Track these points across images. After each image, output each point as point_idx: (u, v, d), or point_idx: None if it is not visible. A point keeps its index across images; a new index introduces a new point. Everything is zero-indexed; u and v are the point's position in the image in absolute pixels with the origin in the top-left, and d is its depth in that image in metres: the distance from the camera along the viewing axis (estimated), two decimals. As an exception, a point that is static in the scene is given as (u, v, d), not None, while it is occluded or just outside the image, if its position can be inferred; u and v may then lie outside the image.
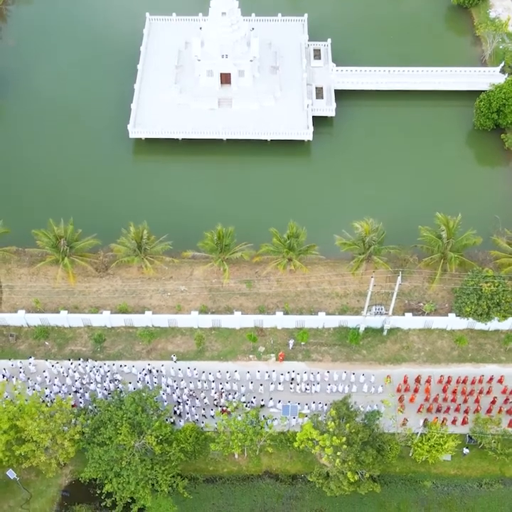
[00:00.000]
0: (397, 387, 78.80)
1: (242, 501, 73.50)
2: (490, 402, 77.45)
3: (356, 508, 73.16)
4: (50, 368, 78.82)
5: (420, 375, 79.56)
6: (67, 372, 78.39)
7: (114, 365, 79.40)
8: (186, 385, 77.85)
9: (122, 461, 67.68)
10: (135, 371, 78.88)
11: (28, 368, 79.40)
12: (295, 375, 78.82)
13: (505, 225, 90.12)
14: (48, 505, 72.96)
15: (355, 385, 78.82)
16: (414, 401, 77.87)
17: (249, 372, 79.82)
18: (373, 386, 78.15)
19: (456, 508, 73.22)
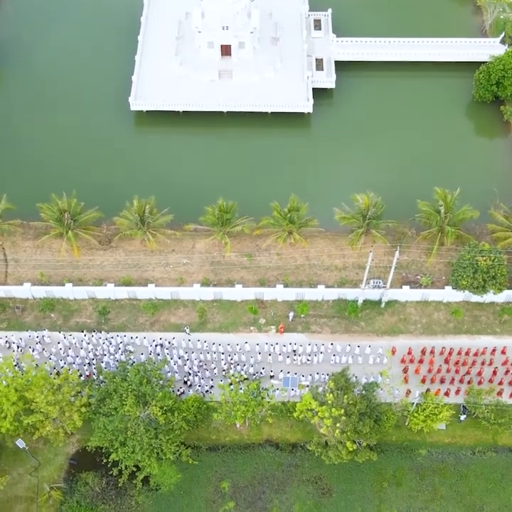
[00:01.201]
0: (401, 359, 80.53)
1: (244, 469, 75.89)
2: (491, 373, 79.38)
3: (354, 475, 75.60)
4: (63, 339, 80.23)
5: (425, 346, 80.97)
6: (81, 344, 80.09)
7: (126, 337, 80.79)
8: (196, 357, 79.48)
9: (127, 431, 69.89)
10: (146, 343, 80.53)
11: (43, 339, 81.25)
12: (297, 347, 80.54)
13: (503, 198, 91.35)
14: (55, 472, 75.40)
15: (361, 357, 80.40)
16: (419, 372, 79.58)
17: (247, 342, 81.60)
18: (379, 357, 79.78)
19: (450, 474, 75.68)
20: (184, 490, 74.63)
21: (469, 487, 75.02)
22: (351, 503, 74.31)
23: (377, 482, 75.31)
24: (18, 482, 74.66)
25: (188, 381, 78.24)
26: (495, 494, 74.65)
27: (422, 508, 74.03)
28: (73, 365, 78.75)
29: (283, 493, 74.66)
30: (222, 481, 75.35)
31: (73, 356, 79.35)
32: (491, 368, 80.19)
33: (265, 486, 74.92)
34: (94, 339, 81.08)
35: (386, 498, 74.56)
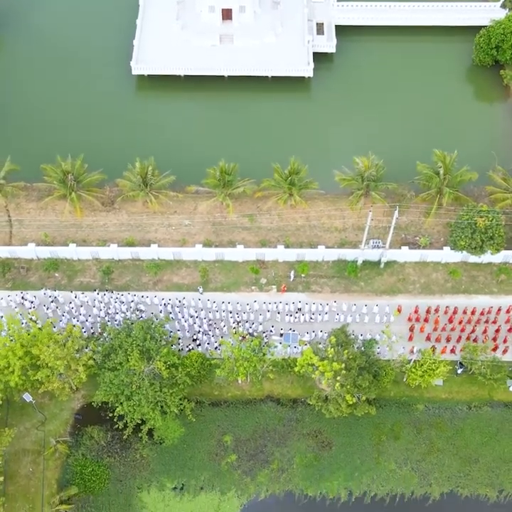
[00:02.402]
0: (408, 317, 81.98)
1: (246, 423, 77.70)
2: (494, 331, 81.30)
3: (353, 428, 77.48)
4: (74, 299, 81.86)
5: (430, 306, 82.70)
6: (93, 303, 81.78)
7: (136, 296, 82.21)
8: (205, 315, 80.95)
9: (132, 385, 71.55)
10: (157, 302, 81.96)
11: (56, 299, 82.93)
12: (302, 305, 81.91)
13: (502, 161, 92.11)
14: (61, 427, 77.21)
15: (368, 316, 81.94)
16: (424, 331, 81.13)
17: (248, 303, 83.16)
18: (385, 315, 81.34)
19: (447, 428, 77.56)
20: (187, 443, 76.39)
21: (465, 440, 76.83)
22: (350, 455, 76.19)
23: (375, 435, 77.12)
24: (25, 436, 76.40)
25: (197, 339, 79.48)
26: (490, 447, 76.51)
27: (419, 460, 75.94)
28: (86, 323, 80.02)
29: (284, 446, 76.46)
30: (224, 434, 77.19)
31: (85, 314, 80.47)
32: (495, 326, 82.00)
33: (266, 440, 76.73)
34: (106, 298, 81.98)
35: (384, 450, 76.44)
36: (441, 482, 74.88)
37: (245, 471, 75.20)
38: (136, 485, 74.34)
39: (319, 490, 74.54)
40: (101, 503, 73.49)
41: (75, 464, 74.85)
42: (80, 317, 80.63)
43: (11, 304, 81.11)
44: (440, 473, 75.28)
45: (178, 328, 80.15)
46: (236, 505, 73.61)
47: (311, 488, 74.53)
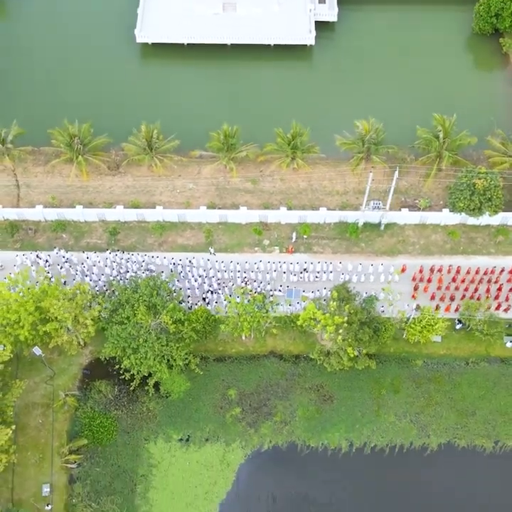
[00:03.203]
0: (412, 276, 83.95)
1: (249, 377, 79.84)
2: (496, 289, 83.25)
3: (354, 383, 79.61)
4: (86, 259, 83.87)
5: (434, 265, 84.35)
6: (106, 262, 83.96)
7: (147, 256, 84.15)
8: (214, 274, 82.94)
9: (139, 338, 73.57)
10: (166, 262, 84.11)
11: (70, 258, 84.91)
12: (308, 265, 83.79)
13: (500, 128, 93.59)
14: (70, 381, 79.33)
15: (373, 275, 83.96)
16: (427, 290, 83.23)
17: (261, 261, 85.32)
18: (390, 274, 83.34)
19: (445, 383, 79.70)
20: (193, 397, 78.52)
21: (462, 394, 78.96)
22: (351, 408, 78.34)
23: (375, 389, 79.23)
24: (35, 390, 78.52)
25: (206, 298, 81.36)
26: (487, 400, 78.66)
27: (418, 412, 78.09)
28: (99, 282, 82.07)
29: (286, 399, 78.62)
30: (228, 388, 79.29)
31: (97, 274, 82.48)
32: (500, 283, 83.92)
33: (270, 394, 78.87)
34: (118, 258, 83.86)
35: (384, 404, 78.57)
36: (439, 433, 77.02)
37: (249, 423, 77.30)
38: (143, 436, 76.43)
39: (321, 441, 76.68)
40: (109, 454, 75.61)
41: (83, 417, 76.84)
42: (92, 276, 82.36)
43: (27, 263, 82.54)
44: (438, 425, 77.47)
45: (188, 287, 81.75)
46: (240, 455, 75.83)
47: (313, 440, 76.66)
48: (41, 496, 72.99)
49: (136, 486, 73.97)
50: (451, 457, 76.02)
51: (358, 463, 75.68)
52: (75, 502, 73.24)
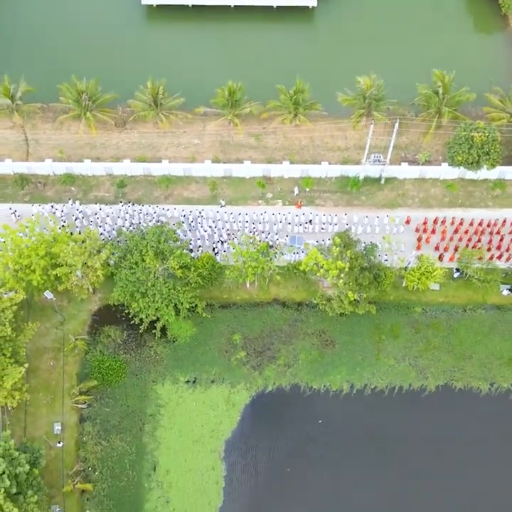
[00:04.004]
0: (415, 228, 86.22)
1: (253, 323, 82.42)
2: (499, 240, 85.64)
3: (355, 328, 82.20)
4: (99, 210, 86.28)
5: (437, 217, 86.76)
6: (119, 214, 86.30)
7: (158, 208, 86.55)
8: (223, 226, 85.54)
9: (148, 283, 76.02)
10: (177, 214, 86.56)
11: (84, 210, 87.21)
12: (313, 217, 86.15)
13: (498, 86, 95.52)
14: (80, 326, 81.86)
15: (379, 227, 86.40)
16: (429, 241, 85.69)
17: (265, 212, 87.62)
18: (395, 226, 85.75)
19: (442, 329, 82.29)
20: (199, 341, 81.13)
21: (460, 339, 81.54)
22: (352, 352, 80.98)
23: (376, 335, 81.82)
24: (46, 335, 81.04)
25: (215, 248, 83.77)
26: (483, 345, 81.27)
27: (417, 356, 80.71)
28: (113, 231, 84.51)
29: (289, 344, 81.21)
30: (233, 334, 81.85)
31: (111, 224, 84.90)
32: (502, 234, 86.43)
33: (273, 338, 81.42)
34: (131, 210, 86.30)
35: (384, 348, 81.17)
36: (436, 376, 79.62)
37: (253, 366, 79.91)
38: (151, 378, 79.03)
39: (323, 383, 79.31)
40: (118, 395, 78.22)
41: (93, 360, 79.42)
42: (106, 226, 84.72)
43: (43, 213, 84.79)
44: (436, 368, 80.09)
45: (198, 237, 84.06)
46: (245, 396, 78.48)
47: (316, 382, 79.28)
48: (53, 434, 75.53)
49: (145, 425, 76.48)
50: (448, 398, 78.33)
51: (359, 403, 77.96)
52: (85, 440, 75.75)
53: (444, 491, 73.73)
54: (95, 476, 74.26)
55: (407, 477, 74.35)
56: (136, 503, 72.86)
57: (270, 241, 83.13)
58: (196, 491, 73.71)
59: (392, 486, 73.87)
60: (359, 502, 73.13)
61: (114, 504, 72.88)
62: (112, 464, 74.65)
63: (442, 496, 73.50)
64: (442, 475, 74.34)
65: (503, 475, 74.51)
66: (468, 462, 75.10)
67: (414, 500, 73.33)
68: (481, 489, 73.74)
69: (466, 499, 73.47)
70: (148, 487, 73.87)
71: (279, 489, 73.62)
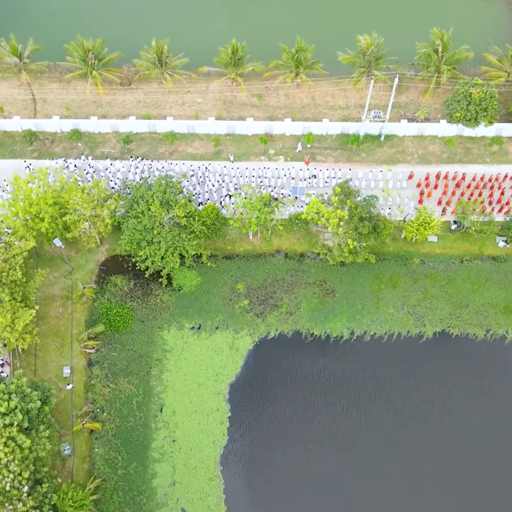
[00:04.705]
0: (417, 183, 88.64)
1: (257, 273, 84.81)
2: (500, 194, 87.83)
3: (355, 278, 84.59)
4: (110, 165, 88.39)
5: (440, 171, 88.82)
6: (129, 169, 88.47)
7: (166, 163, 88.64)
8: (231, 180, 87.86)
9: (154, 231, 78.33)
10: (185, 169, 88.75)
11: (95, 165, 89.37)
12: (317, 172, 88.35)
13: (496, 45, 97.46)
14: (87, 276, 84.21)
15: (382, 180, 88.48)
16: (431, 195, 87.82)
17: (269, 168, 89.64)
18: (399, 181, 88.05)
19: (440, 278, 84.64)
20: (203, 290, 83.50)
21: (457, 288, 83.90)
22: (352, 301, 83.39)
23: (375, 284, 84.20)
24: (54, 284, 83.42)
25: (222, 201, 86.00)
26: (479, 294, 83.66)
27: (415, 305, 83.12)
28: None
29: (291, 293, 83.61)
30: (237, 283, 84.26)
31: (120, 179, 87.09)
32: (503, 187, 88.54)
33: (276, 288, 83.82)
34: (141, 165, 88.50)
35: (383, 297, 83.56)
36: (434, 323, 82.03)
37: (257, 313, 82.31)
38: (157, 325, 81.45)
39: (324, 330, 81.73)
40: (125, 340, 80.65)
41: (100, 307, 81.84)
42: (116, 181, 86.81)
43: (56, 167, 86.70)
44: (433, 315, 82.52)
45: (206, 190, 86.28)
46: (248, 342, 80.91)
47: (317, 328, 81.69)
48: (62, 377, 78.00)
49: (151, 369, 78.93)
50: (445, 344, 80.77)
51: (359, 349, 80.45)
52: (93, 383, 78.16)
53: (440, 432, 76.24)
54: (103, 417, 76.39)
55: (404, 416, 76.86)
56: (143, 442, 75.27)
57: (276, 194, 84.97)
58: (201, 431, 75.98)
59: (388, 424, 76.28)
60: (359, 441, 75.72)
61: (121, 443, 75.16)
62: (119, 406, 76.84)
63: (438, 437, 76.04)
64: (438, 415, 76.85)
65: (497, 416, 76.81)
66: (462, 404, 77.52)
67: (409, 441, 76.00)
68: (475, 430, 76.28)
69: (461, 440, 76.21)
70: (155, 427, 76.10)
71: (281, 430, 76.26)
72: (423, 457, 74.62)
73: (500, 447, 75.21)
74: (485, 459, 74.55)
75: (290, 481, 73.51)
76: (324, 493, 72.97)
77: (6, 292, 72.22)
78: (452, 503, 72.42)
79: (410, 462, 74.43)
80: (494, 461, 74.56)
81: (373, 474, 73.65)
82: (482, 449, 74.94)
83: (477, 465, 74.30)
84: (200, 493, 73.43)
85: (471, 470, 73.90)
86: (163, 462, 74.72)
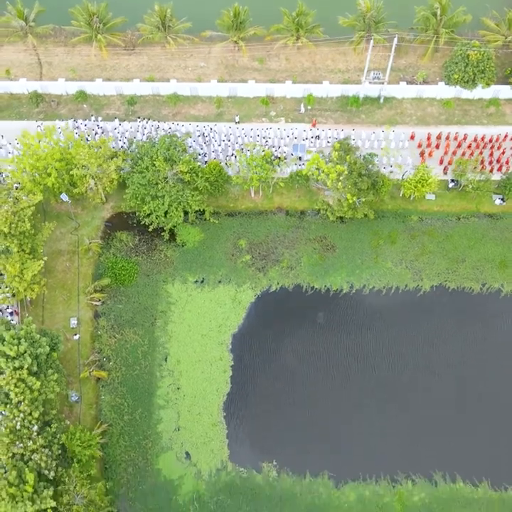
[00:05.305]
0: (418, 143, 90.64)
1: (258, 230, 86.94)
2: (500, 153, 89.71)
3: (354, 235, 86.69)
4: (118, 126, 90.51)
5: (441, 132, 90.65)
6: (137, 129, 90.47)
7: (173, 123, 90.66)
8: (236, 141, 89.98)
9: (158, 185, 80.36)
10: (191, 130, 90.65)
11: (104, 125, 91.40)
12: (320, 132, 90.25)
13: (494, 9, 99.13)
14: (93, 232, 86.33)
15: (385, 141, 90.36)
16: (432, 155, 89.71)
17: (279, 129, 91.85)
18: (401, 141, 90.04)
19: (437, 235, 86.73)
20: (206, 246, 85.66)
21: (454, 244, 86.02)
22: (352, 256, 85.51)
23: (374, 241, 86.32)
24: (61, 239, 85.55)
25: (227, 160, 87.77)
26: (476, 250, 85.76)
27: (413, 260, 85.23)
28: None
29: (292, 248, 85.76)
30: (239, 239, 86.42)
31: (129, 139, 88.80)
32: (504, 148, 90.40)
33: (277, 243, 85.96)
34: (148, 125, 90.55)
35: (382, 252, 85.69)
36: (431, 277, 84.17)
37: (258, 268, 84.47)
38: (161, 279, 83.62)
39: (324, 283, 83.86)
40: (130, 293, 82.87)
41: (106, 261, 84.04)
42: (125, 140, 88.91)
43: (67, 127, 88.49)
44: (431, 270, 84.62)
45: (212, 150, 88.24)
46: (250, 295, 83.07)
47: (317, 282, 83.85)
48: (69, 328, 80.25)
49: (156, 320, 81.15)
50: (442, 297, 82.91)
51: (358, 301, 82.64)
52: (100, 333, 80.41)
53: (434, 377, 78.84)
54: (110, 366, 78.66)
55: (400, 363, 79.21)
56: (148, 390, 77.57)
57: (279, 153, 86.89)
58: (205, 379, 78.25)
59: (384, 369, 78.64)
60: (357, 386, 78.12)
61: (127, 390, 77.45)
62: (125, 355, 79.11)
63: (431, 380, 78.51)
64: (434, 365, 79.18)
65: (490, 363, 79.10)
66: (458, 353, 79.83)
67: (403, 384, 78.48)
68: (468, 374, 78.87)
69: (454, 382, 78.73)
70: (160, 375, 78.37)
71: (282, 377, 78.46)
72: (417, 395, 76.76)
73: (490, 385, 78.05)
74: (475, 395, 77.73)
75: (290, 425, 75.81)
76: (323, 437, 75.16)
77: (15, 243, 74.25)
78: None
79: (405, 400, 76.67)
80: (486, 397, 77.64)
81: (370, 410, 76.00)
82: (472, 385, 78.08)
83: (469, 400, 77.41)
84: (204, 437, 75.46)
85: (466, 405, 76.25)
86: (167, 408, 76.79)
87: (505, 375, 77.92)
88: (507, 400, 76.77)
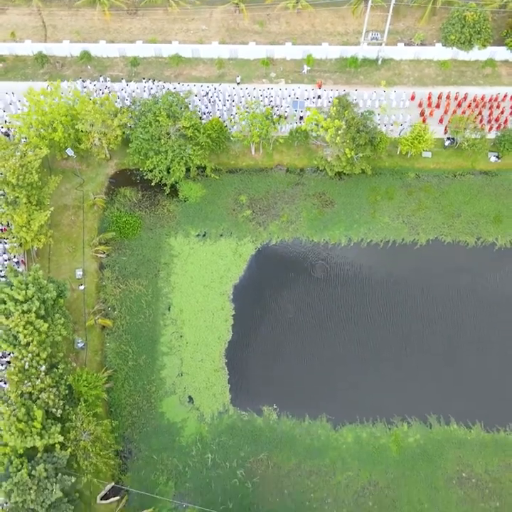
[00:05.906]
0: (418, 103, 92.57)
1: (259, 186, 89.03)
2: (499, 113, 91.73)
3: (352, 191, 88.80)
4: (126, 86, 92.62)
5: (442, 92, 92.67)
6: (143, 89, 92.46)
7: (179, 84, 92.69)
8: (240, 101, 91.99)
9: (161, 140, 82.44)
10: (196, 91, 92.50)
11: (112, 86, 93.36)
12: (321, 92, 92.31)
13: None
14: (98, 188, 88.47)
15: (386, 101, 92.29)
16: (433, 114, 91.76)
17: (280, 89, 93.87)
18: (402, 100, 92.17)
19: (434, 191, 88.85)
20: (208, 201, 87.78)
21: (449, 200, 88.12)
22: (350, 211, 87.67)
23: (372, 196, 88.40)
24: (66, 195, 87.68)
25: (232, 119, 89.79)
26: (471, 205, 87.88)
27: (409, 215, 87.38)
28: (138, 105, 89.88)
29: (292, 203, 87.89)
30: (240, 195, 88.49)
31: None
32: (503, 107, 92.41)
33: (277, 199, 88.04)
34: (154, 86, 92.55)
35: (379, 208, 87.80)
36: (427, 231, 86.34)
37: (259, 222, 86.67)
38: (164, 232, 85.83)
39: (323, 237, 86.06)
40: (134, 246, 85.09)
41: (110, 216, 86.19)
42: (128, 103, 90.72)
43: (78, 87, 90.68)
44: (427, 224, 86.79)
45: (217, 109, 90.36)
46: (251, 248, 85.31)
47: (316, 236, 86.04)
48: (75, 279, 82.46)
49: (159, 272, 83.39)
50: (438, 250, 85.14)
51: (356, 254, 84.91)
52: (104, 284, 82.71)
53: (431, 328, 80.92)
54: (114, 314, 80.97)
55: (394, 314, 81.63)
56: (152, 337, 79.88)
57: (281, 112, 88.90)
58: (207, 328, 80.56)
59: (381, 320, 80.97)
60: (354, 334, 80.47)
61: (132, 337, 79.79)
62: (129, 304, 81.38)
63: (426, 331, 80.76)
64: (429, 314, 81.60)
65: (484, 312, 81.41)
66: (453, 302, 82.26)
67: (404, 336, 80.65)
68: (462, 325, 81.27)
69: (447, 332, 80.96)
70: (163, 324, 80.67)
71: (281, 326, 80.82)
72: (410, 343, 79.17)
73: (483, 331, 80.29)
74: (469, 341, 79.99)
75: (289, 370, 78.18)
76: (322, 381, 77.55)
77: (23, 194, 76.31)
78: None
79: (401, 347, 79.09)
80: (479, 343, 79.94)
81: (367, 357, 78.34)
82: (466, 332, 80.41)
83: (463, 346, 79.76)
84: (206, 382, 77.81)
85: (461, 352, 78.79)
86: (171, 355, 79.12)
87: (498, 322, 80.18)
88: (499, 345, 78.90)
